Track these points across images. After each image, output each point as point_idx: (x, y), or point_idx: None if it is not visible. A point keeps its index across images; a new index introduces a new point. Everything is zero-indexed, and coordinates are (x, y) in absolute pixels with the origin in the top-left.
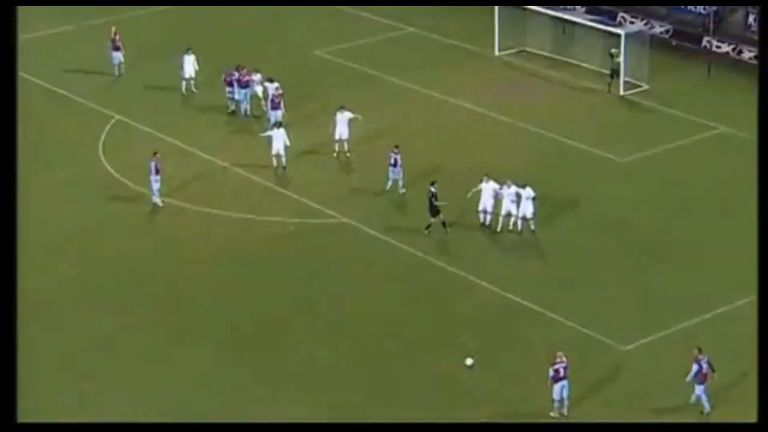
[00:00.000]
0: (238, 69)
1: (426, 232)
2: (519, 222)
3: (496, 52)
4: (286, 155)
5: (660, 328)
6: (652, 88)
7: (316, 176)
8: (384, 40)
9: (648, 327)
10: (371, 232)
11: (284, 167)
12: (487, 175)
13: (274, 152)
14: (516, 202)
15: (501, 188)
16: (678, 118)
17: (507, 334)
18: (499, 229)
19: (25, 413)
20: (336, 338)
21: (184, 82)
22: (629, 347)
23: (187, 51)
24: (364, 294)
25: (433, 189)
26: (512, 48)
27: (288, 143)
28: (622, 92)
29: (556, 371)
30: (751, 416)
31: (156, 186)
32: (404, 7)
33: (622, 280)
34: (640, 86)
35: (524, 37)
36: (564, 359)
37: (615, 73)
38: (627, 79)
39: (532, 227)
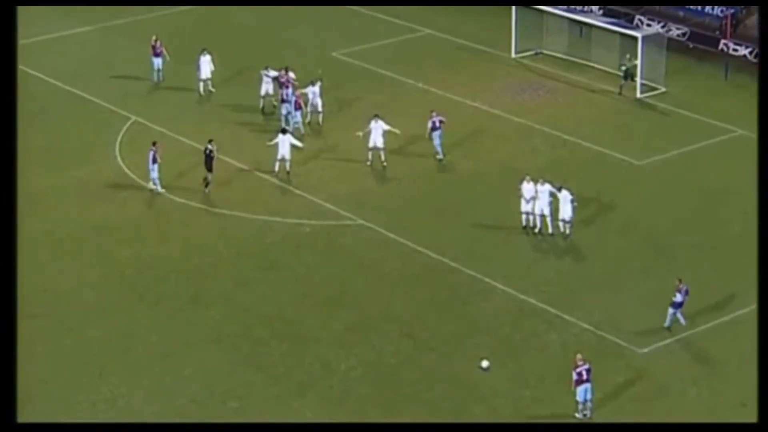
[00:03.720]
0: (287, 71)
1: (205, 190)
2: (559, 224)
3: (513, 54)
4: (291, 160)
5: (677, 331)
6: (669, 90)
7: (332, 178)
8: (401, 41)
9: (664, 330)
10: (388, 234)
11: (288, 172)
12: (528, 175)
13: (279, 157)
14: (548, 202)
15: (535, 186)
16: (695, 121)
17: (523, 337)
18: (536, 230)
19: (40, 413)
20: (351, 339)
21: (201, 83)
22: (645, 350)
23: (203, 52)
24: (379, 295)
25: (210, 146)
26: (529, 50)
27: (300, 145)
28: (638, 95)
29: (579, 374)
30: (751, 416)
31: (154, 174)
32: (421, 9)
33: (640, 283)
34: (656, 89)
35: (541, 40)
36: (586, 362)
37: (629, 75)
38: (644, 81)
39: (567, 231)
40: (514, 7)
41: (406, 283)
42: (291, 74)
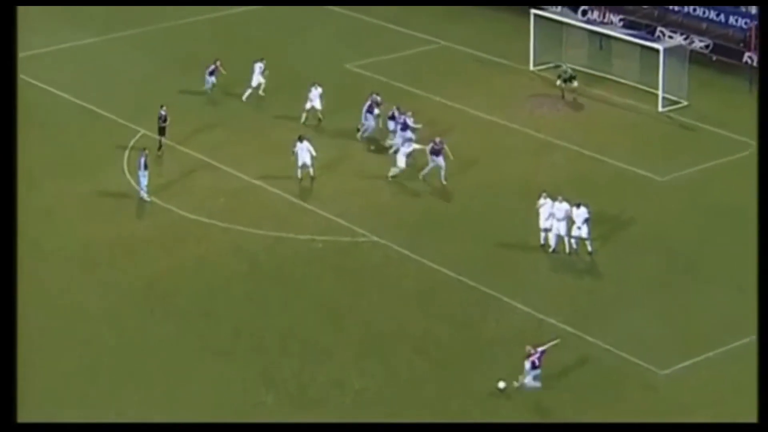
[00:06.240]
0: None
1: (158, 152)
2: (572, 242)
3: (531, 67)
4: (314, 166)
5: (700, 351)
6: (692, 104)
7: (347, 193)
8: (416, 54)
9: (687, 350)
10: (402, 250)
11: (312, 177)
12: (545, 192)
13: (300, 164)
14: (564, 220)
15: (552, 204)
16: (718, 136)
17: None
18: (551, 250)
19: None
20: (364, 357)
21: (249, 90)
22: (667, 371)
23: (260, 60)
24: (393, 313)
25: (163, 112)
26: (548, 63)
27: (314, 154)
28: (660, 108)
29: (533, 363)
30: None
31: (144, 181)
32: (436, 20)
33: (662, 302)
34: (679, 102)
35: (560, 52)
36: (536, 349)
37: (567, 79)
38: (665, 95)
39: (589, 249)
40: (532, 19)
41: (420, 301)
42: (376, 96)
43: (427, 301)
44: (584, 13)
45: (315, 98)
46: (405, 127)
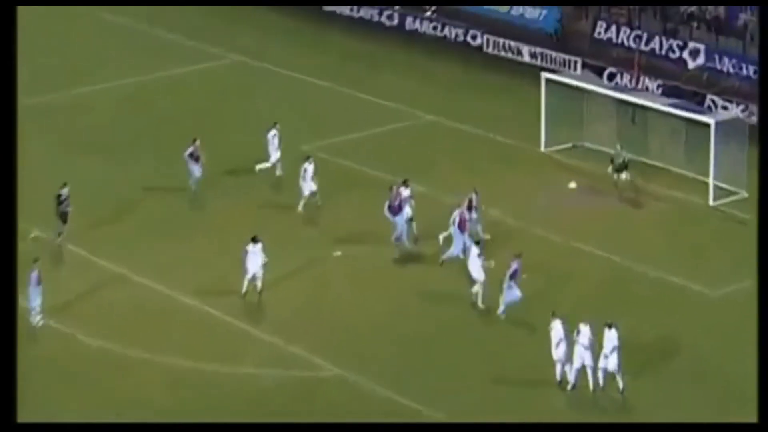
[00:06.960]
0: (406, 184)
1: (57, 242)
2: (599, 375)
3: (543, 148)
4: (264, 277)
5: None
6: (752, 195)
7: (301, 311)
8: (392, 131)
9: None
10: (377, 388)
11: (259, 292)
12: (553, 313)
13: (249, 275)
14: (590, 349)
15: (576, 332)
16: None
17: None
18: (570, 386)
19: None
20: None
21: (279, 163)
22: None
23: (275, 125)
24: None
25: (64, 191)
26: (564, 143)
27: (266, 260)
28: (712, 202)
29: None
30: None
31: (37, 300)
32: (417, 89)
33: None
34: (735, 193)
35: (580, 128)
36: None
37: (622, 168)
38: (718, 183)
39: (620, 385)
40: (543, 85)
41: None
42: (406, 190)
43: None
44: (611, 77)
45: (309, 179)
46: (462, 226)
